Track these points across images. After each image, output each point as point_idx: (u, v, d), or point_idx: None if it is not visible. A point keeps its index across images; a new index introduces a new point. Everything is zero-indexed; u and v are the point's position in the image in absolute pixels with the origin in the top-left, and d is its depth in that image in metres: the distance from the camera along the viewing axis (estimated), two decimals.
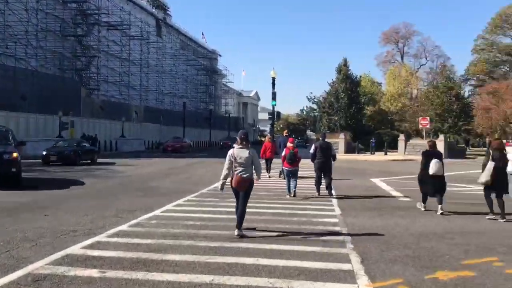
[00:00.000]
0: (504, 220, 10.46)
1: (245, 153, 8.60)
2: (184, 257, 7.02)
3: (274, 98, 36.00)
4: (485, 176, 10.52)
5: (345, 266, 6.70)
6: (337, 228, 9.57)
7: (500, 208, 10.57)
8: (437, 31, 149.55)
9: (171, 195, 14.35)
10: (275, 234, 8.86)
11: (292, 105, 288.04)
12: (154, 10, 77.45)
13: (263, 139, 43.98)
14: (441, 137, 42.75)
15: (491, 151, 10.73)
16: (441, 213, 11.24)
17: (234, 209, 8.97)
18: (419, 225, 10.20)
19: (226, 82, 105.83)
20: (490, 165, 10.45)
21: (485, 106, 56.46)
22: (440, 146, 41.38)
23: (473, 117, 52.67)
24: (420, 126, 46.60)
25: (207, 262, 6.76)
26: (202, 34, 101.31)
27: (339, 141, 45.80)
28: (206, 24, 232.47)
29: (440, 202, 11.41)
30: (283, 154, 14.98)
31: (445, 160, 12.16)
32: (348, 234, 8.97)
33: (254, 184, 8.93)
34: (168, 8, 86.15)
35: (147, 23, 71.50)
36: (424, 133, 48.25)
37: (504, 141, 50.88)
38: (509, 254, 7.65)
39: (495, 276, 6.38)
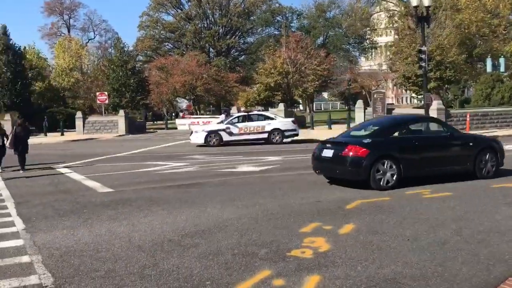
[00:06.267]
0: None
1: None
2: None
3: None
4: None
5: None
6: (25, 259, 6.11)
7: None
8: (103, 5, 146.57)
9: None
10: None
11: None
12: None
13: None
14: (121, 112, 40.69)
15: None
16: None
17: None
18: (142, 228, 7.63)
19: None
20: None
21: (155, 81, 57.69)
22: (121, 121, 39.66)
23: (150, 91, 53.12)
24: (98, 101, 43.65)
25: None
26: None
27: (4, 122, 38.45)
28: None
29: None
30: None
31: (128, 136, 11.45)
32: (50, 272, 5.64)
33: None
34: None
35: None
36: (103, 109, 45.54)
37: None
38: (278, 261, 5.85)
39: None
